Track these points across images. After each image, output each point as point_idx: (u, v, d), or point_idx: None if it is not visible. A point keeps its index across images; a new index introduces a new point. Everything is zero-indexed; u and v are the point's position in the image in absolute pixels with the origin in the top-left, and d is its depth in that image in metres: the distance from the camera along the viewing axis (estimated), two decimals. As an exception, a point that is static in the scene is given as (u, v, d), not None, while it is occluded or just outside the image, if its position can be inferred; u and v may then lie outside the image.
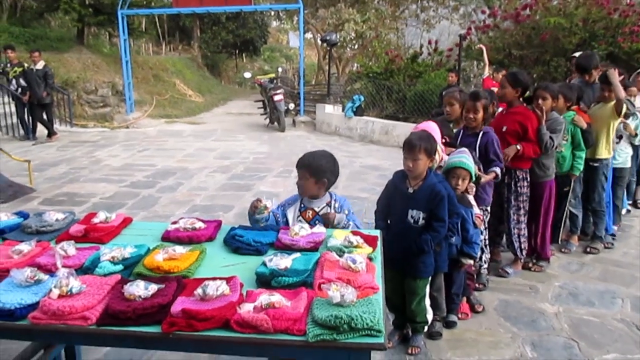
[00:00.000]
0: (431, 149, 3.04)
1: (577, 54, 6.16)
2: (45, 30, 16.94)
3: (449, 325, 3.56)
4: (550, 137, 4.16)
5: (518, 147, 4.10)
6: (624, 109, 4.66)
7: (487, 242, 4.10)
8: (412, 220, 3.07)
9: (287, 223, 2.94)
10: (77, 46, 16.57)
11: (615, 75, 4.65)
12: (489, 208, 4.02)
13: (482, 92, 3.99)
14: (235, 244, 2.49)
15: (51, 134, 11.15)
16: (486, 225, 4.04)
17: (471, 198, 3.50)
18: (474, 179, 3.43)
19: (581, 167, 4.65)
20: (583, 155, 4.62)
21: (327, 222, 2.85)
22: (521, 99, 4.28)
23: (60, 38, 16.68)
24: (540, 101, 4.23)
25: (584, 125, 4.57)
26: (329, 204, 2.99)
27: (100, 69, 15.51)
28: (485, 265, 4.12)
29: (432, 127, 3.55)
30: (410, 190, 3.08)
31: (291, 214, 3.00)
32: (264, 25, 28.20)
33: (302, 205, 3.02)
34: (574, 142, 4.60)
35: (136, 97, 15.01)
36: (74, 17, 16.06)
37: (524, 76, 4.29)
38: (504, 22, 11.86)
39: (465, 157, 3.37)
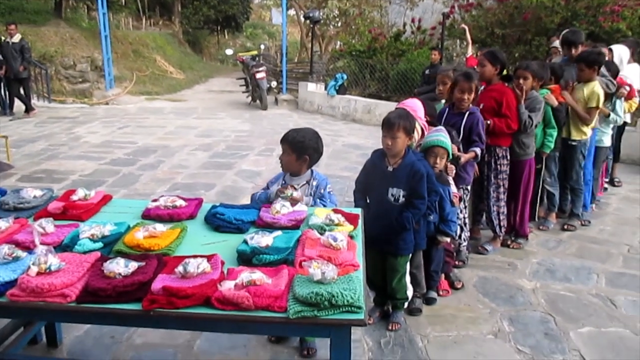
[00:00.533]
0: (410, 127, 3.05)
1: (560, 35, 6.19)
2: (22, 2, 16.46)
3: (429, 301, 3.61)
4: (529, 116, 4.20)
5: (488, 122, 4.12)
6: (594, 118, 4.83)
7: (466, 220, 4.15)
8: (392, 199, 3.09)
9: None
10: (55, 19, 16.16)
11: (569, 97, 4.78)
12: (469, 187, 4.06)
13: (475, 73, 4.00)
14: (217, 222, 2.49)
15: (29, 109, 10.93)
16: (466, 204, 4.08)
17: (450, 177, 3.53)
18: (450, 157, 3.45)
19: (552, 145, 4.66)
20: (554, 133, 4.63)
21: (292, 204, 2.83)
22: (498, 77, 4.32)
23: (38, 11, 16.25)
24: (521, 81, 4.25)
25: (555, 103, 4.61)
26: (308, 182, 3.03)
27: (79, 44, 15.17)
28: (465, 243, 4.17)
29: (417, 105, 3.55)
30: (390, 168, 3.10)
31: (274, 188, 3.01)
32: (247, 1, 27.71)
33: (284, 182, 3.05)
34: (545, 120, 4.62)
35: (116, 73, 14.74)
36: (51, -10, 15.66)
37: (501, 54, 4.36)
38: (487, 0, 11.83)
39: (442, 136, 3.39)
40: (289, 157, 3.00)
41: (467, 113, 3.88)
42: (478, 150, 3.85)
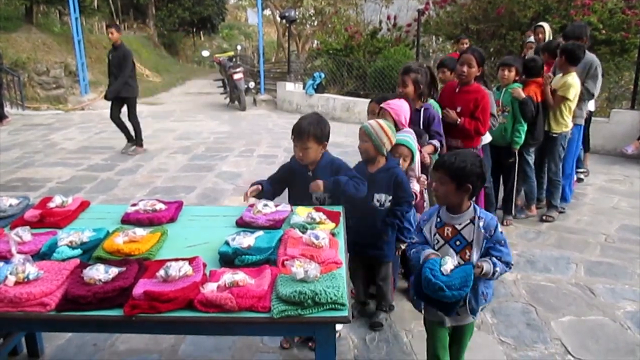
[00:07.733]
0: (321, 135, 3.00)
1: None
2: (-9, 9, 16.16)
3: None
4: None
5: (459, 120, 4.16)
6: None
7: None
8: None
9: (426, 242, 2.39)
10: (26, 25, 15.86)
11: (546, 87, 4.84)
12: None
13: (414, 65, 3.95)
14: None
15: (2, 117, 10.71)
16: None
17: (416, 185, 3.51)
18: (415, 159, 3.40)
19: (521, 141, 4.70)
20: (522, 129, 4.68)
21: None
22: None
23: (8, 17, 15.91)
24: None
25: (522, 96, 4.63)
26: (472, 221, 2.31)
27: (52, 49, 14.92)
28: None
29: (402, 106, 3.49)
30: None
31: (427, 230, 2.40)
32: (222, 2, 27.53)
33: (439, 220, 2.39)
34: (514, 116, 4.69)
35: (91, 78, 14.54)
36: (21, -5, 15.38)
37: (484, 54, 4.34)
38: (461, -4, 11.94)
39: (409, 137, 3.36)
40: (446, 187, 2.29)
41: (423, 109, 3.89)
42: (437, 143, 3.82)
